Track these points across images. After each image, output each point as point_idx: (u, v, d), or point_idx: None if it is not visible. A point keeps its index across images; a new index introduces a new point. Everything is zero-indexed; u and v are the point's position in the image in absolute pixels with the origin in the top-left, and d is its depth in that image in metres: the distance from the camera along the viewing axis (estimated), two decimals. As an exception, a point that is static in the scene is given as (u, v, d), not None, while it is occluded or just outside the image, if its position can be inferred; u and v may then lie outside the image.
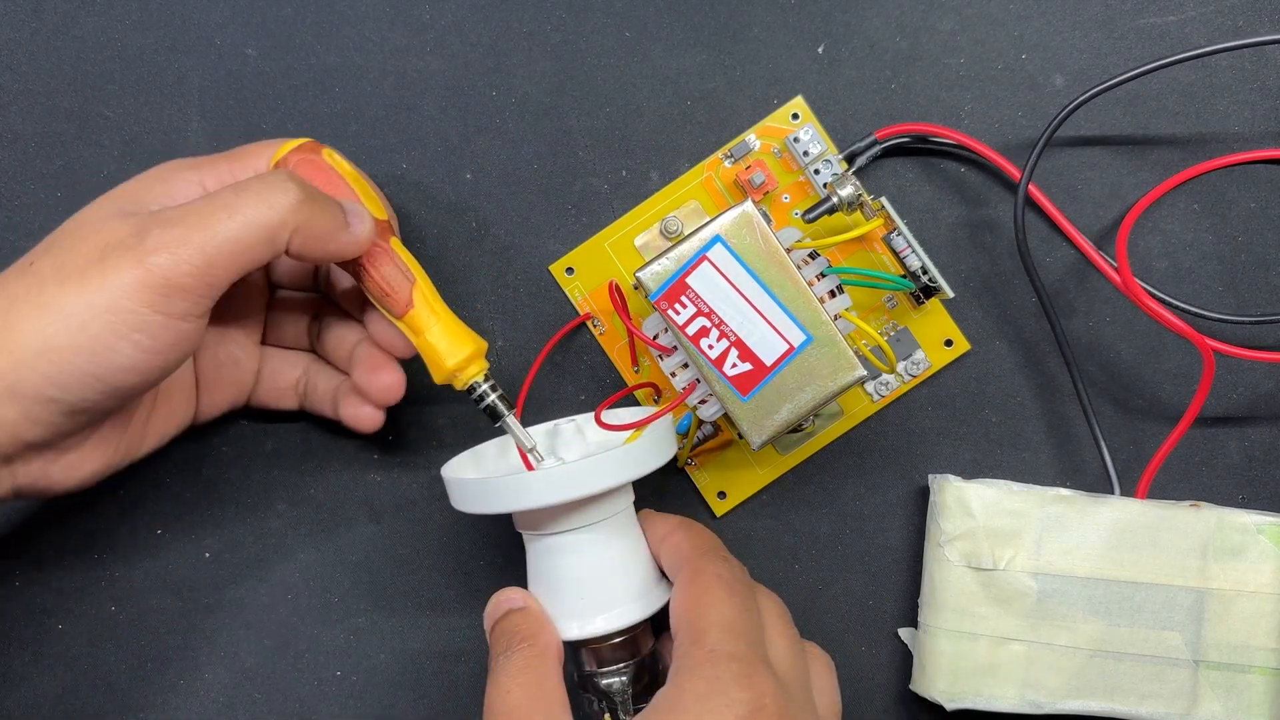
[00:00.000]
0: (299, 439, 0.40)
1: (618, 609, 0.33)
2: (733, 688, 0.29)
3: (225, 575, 0.40)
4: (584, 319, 0.40)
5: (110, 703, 0.40)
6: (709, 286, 0.34)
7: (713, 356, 0.34)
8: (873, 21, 0.40)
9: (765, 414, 0.34)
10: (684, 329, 0.34)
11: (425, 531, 0.40)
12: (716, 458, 0.40)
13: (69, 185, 0.40)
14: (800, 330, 0.34)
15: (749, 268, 0.34)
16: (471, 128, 0.40)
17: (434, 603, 0.40)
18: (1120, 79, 0.38)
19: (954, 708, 0.38)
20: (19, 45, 0.40)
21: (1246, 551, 0.37)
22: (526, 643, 0.32)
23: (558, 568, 0.33)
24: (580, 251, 0.40)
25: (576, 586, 0.33)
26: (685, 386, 0.36)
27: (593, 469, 0.32)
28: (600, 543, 0.33)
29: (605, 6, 0.40)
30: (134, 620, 0.40)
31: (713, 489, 0.40)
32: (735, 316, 0.34)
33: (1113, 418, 0.40)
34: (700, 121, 0.40)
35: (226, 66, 0.40)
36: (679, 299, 0.34)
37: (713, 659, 0.29)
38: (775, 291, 0.34)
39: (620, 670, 0.33)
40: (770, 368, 0.34)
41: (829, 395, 0.34)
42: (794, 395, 0.34)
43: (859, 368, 0.34)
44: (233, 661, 0.40)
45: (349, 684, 0.40)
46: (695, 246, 0.34)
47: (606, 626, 0.33)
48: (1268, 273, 0.41)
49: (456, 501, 0.34)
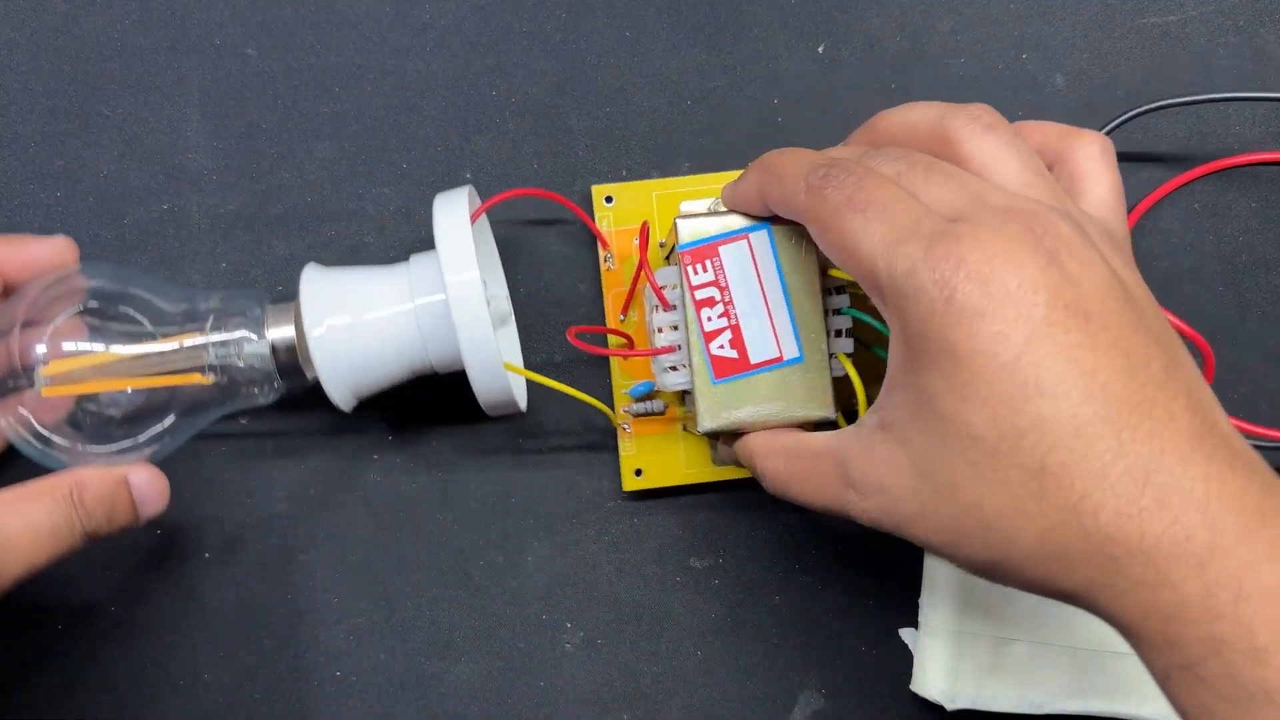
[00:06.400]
0: (299, 439, 0.40)
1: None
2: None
3: (225, 575, 0.40)
4: (603, 244, 0.39)
5: (110, 703, 0.39)
6: (736, 264, 0.33)
7: (707, 329, 0.33)
8: (873, 21, 0.40)
9: (727, 405, 0.34)
10: (694, 290, 0.33)
11: (425, 531, 0.40)
12: (651, 437, 0.40)
13: (69, 185, 0.40)
14: (796, 346, 0.33)
15: (780, 267, 0.33)
16: (471, 128, 0.40)
17: (434, 603, 0.40)
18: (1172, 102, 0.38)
19: (954, 708, 0.38)
20: (19, 45, 0.40)
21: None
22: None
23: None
24: (628, 187, 0.40)
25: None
26: (665, 346, 0.35)
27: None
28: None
29: (605, 6, 0.40)
30: (134, 620, 0.40)
31: (633, 463, 0.40)
32: (745, 303, 0.33)
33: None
34: (700, 121, 0.40)
35: (226, 66, 0.40)
36: (703, 260, 0.33)
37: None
38: (792, 300, 0.33)
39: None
40: (753, 365, 0.33)
41: (793, 420, 0.34)
42: (761, 402, 0.33)
43: (830, 409, 0.33)
44: (233, 661, 0.40)
45: (349, 684, 0.40)
46: (744, 223, 0.33)
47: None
48: (1268, 273, 0.40)
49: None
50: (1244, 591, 0.23)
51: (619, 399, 0.40)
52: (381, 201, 0.40)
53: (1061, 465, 0.25)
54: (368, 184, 0.40)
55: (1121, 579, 0.25)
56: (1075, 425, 0.25)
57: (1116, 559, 0.24)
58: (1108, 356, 0.25)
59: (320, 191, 0.40)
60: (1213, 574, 0.24)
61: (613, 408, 0.39)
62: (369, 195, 0.40)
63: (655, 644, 0.40)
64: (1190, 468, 0.24)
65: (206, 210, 0.40)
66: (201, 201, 0.40)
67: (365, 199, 0.40)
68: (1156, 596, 0.24)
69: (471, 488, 0.40)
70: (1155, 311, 0.27)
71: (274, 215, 0.40)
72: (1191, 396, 0.26)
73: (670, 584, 0.40)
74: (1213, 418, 0.26)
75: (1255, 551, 0.24)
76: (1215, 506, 0.24)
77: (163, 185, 0.40)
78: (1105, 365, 0.25)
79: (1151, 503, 0.24)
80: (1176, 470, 0.24)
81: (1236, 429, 0.26)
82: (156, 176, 0.40)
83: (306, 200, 0.40)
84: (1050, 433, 0.25)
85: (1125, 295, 0.26)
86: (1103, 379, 0.25)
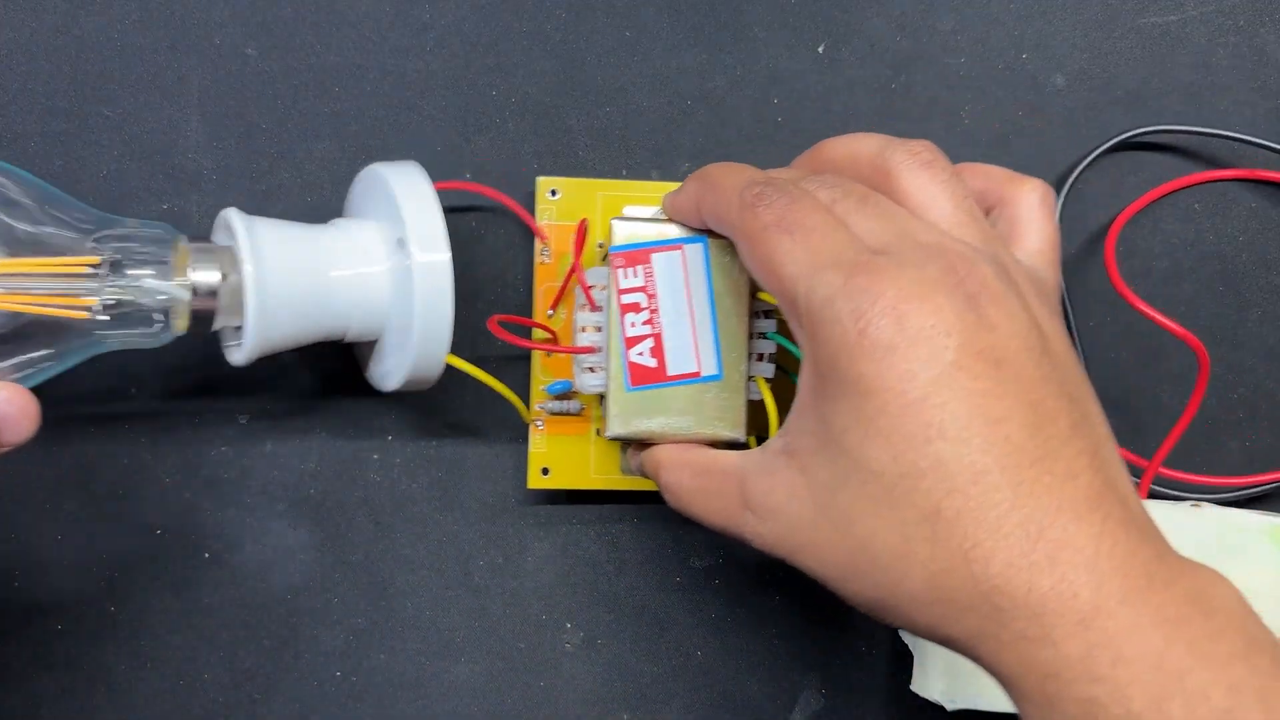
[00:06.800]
0: (299, 439, 0.40)
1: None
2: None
3: (225, 575, 0.40)
4: (542, 237, 0.39)
5: (110, 703, 0.39)
6: (667, 273, 0.33)
7: (629, 334, 0.33)
8: (873, 21, 0.40)
9: (639, 413, 0.33)
10: (621, 294, 0.33)
11: (425, 531, 0.40)
12: (563, 438, 0.39)
13: (69, 185, 0.40)
14: (716, 363, 0.33)
15: (711, 283, 0.33)
16: (471, 128, 0.40)
17: (434, 603, 0.40)
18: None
19: (954, 708, 0.38)
20: (18, 45, 0.40)
21: (1248, 552, 0.37)
22: None
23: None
24: (576, 183, 0.39)
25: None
26: (585, 345, 0.35)
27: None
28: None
29: (605, 6, 0.40)
30: (134, 620, 0.40)
31: (541, 461, 0.39)
32: (670, 314, 0.33)
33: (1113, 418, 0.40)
34: (700, 121, 0.40)
35: (226, 66, 0.40)
36: (635, 265, 0.33)
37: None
38: (719, 317, 0.33)
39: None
40: (670, 377, 0.33)
41: (703, 436, 0.33)
42: (674, 414, 0.33)
43: (741, 431, 0.33)
44: (233, 661, 0.40)
45: (349, 684, 0.40)
46: (680, 233, 0.33)
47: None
48: (1268, 273, 0.40)
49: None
50: (1123, 655, 0.23)
51: (535, 395, 0.39)
52: (381, 201, 0.40)
53: (957, 511, 0.25)
54: (368, 184, 0.40)
55: (1006, 631, 0.24)
56: (974, 472, 0.25)
57: (1002, 610, 0.24)
58: (1015, 407, 0.25)
59: (320, 191, 0.40)
60: (1094, 635, 0.24)
61: (528, 404, 0.39)
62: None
63: (655, 644, 0.40)
64: (1084, 526, 0.24)
65: (206, 210, 0.40)
66: (201, 201, 0.40)
67: (365, 199, 0.40)
68: (1038, 652, 0.24)
69: (472, 488, 0.40)
70: (1073, 366, 0.27)
71: (273, 215, 0.40)
72: (1096, 455, 0.26)
73: (670, 584, 0.40)
74: (1114, 478, 0.26)
75: (1139, 615, 0.24)
76: (1104, 566, 0.24)
77: (162, 185, 0.40)
78: (1011, 416, 0.25)
79: (1042, 557, 0.24)
80: (1070, 527, 0.24)
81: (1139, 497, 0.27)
82: (156, 176, 0.40)
83: (306, 200, 0.40)
84: (948, 476, 0.25)
85: (1043, 347, 0.26)
86: (1007, 429, 0.25)
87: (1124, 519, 0.25)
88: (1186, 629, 0.24)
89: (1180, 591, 0.24)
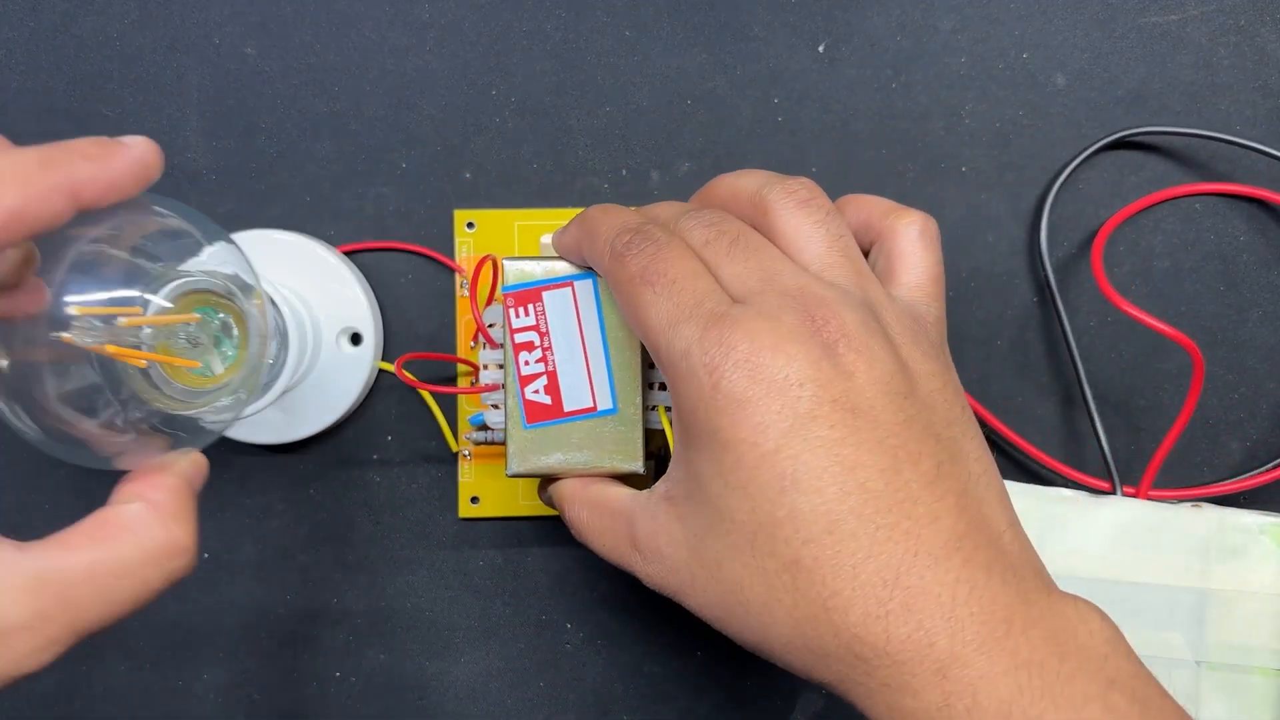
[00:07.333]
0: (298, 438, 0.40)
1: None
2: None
3: (225, 575, 0.40)
4: (458, 270, 0.39)
5: (110, 703, 0.39)
6: (558, 312, 0.33)
7: (523, 373, 0.33)
8: (873, 21, 0.40)
9: (536, 450, 0.33)
10: (514, 334, 0.33)
11: (425, 531, 0.40)
12: (490, 467, 0.40)
13: (68, 185, 0.40)
14: (611, 397, 0.33)
15: (603, 320, 0.33)
16: (471, 128, 0.40)
17: (434, 603, 0.40)
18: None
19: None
20: (18, 45, 0.40)
21: (1248, 552, 0.37)
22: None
23: None
24: (492, 215, 0.40)
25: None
26: (487, 384, 0.35)
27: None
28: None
29: (605, 6, 0.40)
30: (134, 620, 0.40)
31: (470, 490, 0.40)
32: (563, 351, 0.33)
33: (1113, 418, 0.40)
34: (700, 121, 0.40)
35: (226, 66, 0.40)
36: (526, 304, 0.33)
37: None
38: (611, 353, 0.33)
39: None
40: (566, 413, 0.33)
41: (601, 470, 0.33)
42: (571, 450, 0.33)
43: (639, 463, 0.33)
44: (233, 661, 0.40)
45: (349, 684, 0.40)
46: (569, 270, 0.33)
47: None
48: (1268, 273, 0.40)
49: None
50: (978, 703, 0.23)
51: (463, 426, 0.40)
52: (381, 201, 0.40)
53: (814, 560, 0.25)
54: (368, 184, 0.40)
55: (870, 679, 0.25)
56: (829, 521, 0.25)
57: (864, 660, 0.24)
58: (871, 454, 0.25)
59: (320, 191, 0.40)
60: (951, 683, 0.24)
61: (456, 435, 0.39)
62: (369, 195, 0.40)
63: (655, 644, 0.40)
64: (942, 571, 0.24)
65: (206, 210, 0.40)
66: (201, 201, 0.40)
67: (365, 199, 0.40)
68: (900, 701, 0.24)
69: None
70: (945, 405, 0.27)
71: (274, 215, 0.40)
72: (964, 495, 0.26)
73: (670, 584, 0.40)
74: (986, 516, 0.26)
75: (994, 662, 0.24)
76: (961, 613, 0.24)
77: (162, 185, 0.40)
78: (867, 462, 0.25)
79: (899, 606, 0.24)
80: (927, 574, 0.24)
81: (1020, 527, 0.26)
82: (156, 176, 0.40)
83: (306, 200, 0.40)
84: (804, 526, 0.25)
85: (907, 390, 0.26)
86: (862, 476, 0.25)
87: (986, 561, 0.25)
88: (1039, 674, 0.24)
89: (1039, 635, 0.24)
